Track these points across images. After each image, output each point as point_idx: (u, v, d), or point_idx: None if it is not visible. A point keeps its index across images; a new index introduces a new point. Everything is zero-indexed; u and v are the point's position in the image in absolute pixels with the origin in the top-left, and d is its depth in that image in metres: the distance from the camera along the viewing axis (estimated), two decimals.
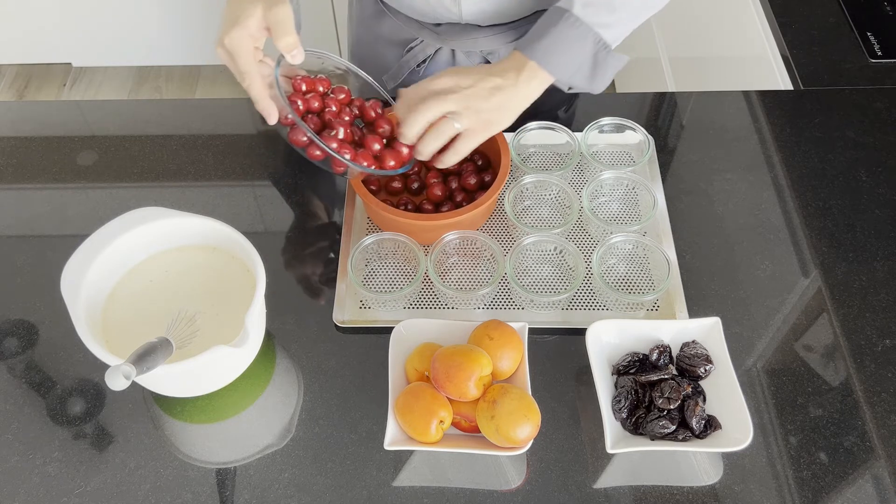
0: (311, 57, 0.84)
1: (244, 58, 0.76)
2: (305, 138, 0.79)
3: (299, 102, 0.82)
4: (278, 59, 0.79)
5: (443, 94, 0.79)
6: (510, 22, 1.00)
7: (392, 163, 0.82)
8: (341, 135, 0.81)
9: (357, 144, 0.83)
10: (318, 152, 0.81)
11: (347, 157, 0.80)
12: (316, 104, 0.84)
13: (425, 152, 0.81)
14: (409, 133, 0.80)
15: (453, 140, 0.81)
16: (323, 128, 0.83)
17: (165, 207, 0.79)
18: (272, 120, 0.80)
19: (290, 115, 0.78)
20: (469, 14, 0.96)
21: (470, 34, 1.00)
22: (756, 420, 0.76)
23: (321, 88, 0.86)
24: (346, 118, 0.84)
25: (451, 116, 0.79)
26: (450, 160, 0.82)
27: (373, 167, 0.81)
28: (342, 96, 0.86)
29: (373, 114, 0.87)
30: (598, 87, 0.85)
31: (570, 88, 0.85)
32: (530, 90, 0.82)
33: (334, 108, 0.84)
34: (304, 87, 0.84)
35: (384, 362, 0.78)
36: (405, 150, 0.83)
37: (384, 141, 0.85)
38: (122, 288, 0.78)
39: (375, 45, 1.09)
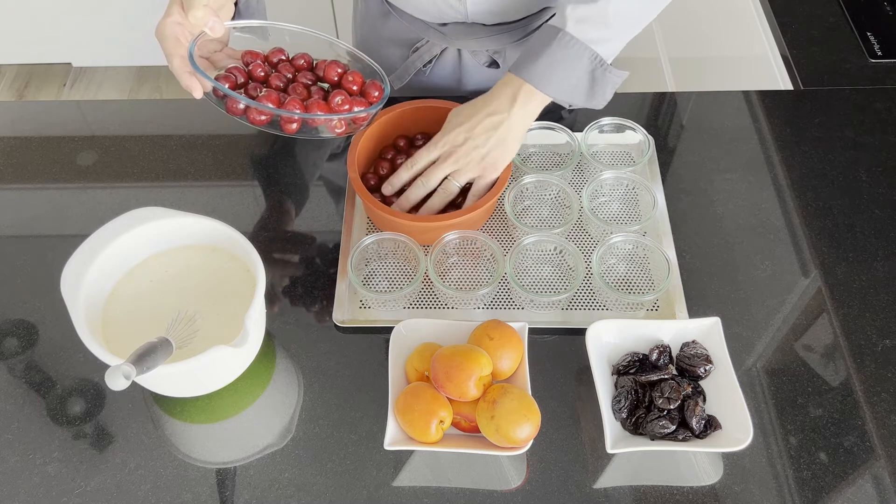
0: (284, 35, 0.86)
1: (165, 42, 0.79)
2: (242, 106, 0.79)
3: (236, 74, 0.82)
4: (196, 36, 0.80)
5: (442, 160, 0.84)
6: (516, 20, 1.00)
7: (346, 106, 0.81)
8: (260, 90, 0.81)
9: (308, 98, 0.82)
10: (262, 117, 0.79)
11: (270, 106, 0.78)
12: (260, 72, 0.83)
13: (433, 210, 0.87)
14: (413, 199, 0.86)
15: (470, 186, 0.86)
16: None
17: (165, 207, 0.79)
18: (196, 94, 0.80)
19: (215, 88, 0.78)
20: (475, 13, 0.96)
21: (475, 33, 1.00)
22: (756, 420, 0.76)
23: (276, 59, 0.85)
24: (307, 81, 0.84)
25: (452, 177, 0.85)
26: (469, 203, 0.87)
27: (297, 110, 0.79)
28: (302, 62, 0.86)
29: (337, 72, 0.85)
30: (599, 104, 0.85)
31: (570, 106, 0.85)
32: (527, 114, 0.84)
33: (288, 76, 0.84)
34: (248, 59, 0.84)
35: (384, 362, 0.78)
36: (373, 95, 0.84)
37: (347, 94, 0.83)
38: (122, 288, 0.78)
39: (380, 45, 1.09)
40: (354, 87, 0.85)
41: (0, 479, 0.73)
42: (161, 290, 0.79)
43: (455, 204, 0.89)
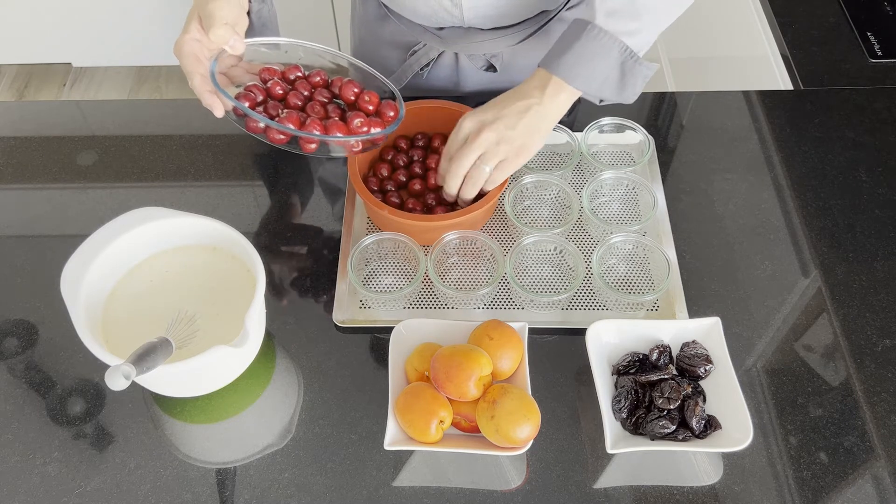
0: (296, 49, 0.86)
1: (185, 59, 0.79)
2: (261, 125, 0.79)
3: (256, 93, 0.82)
4: (217, 54, 0.80)
5: (470, 142, 0.82)
6: (513, 25, 1.00)
7: (365, 128, 0.82)
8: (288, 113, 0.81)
9: (329, 118, 0.82)
10: (280, 136, 0.80)
11: (291, 127, 0.78)
12: (279, 90, 0.83)
13: (467, 199, 0.85)
14: (450, 191, 0.85)
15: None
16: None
17: (165, 207, 0.79)
18: (217, 112, 0.80)
19: (236, 107, 0.78)
20: (471, 18, 0.96)
21: (472, 37, 1.00)
22: (756, 420, 0.76)
23: (293, 76, 0.85)
24: (324, 99, 0.84)
25: (480, 160, 0.82)
26: (489, 189, 0.85)
27: (317, 132, 0.79)
28: (318, 79, 0.86)
29: (353, 91, 0.85)
30: (630, 98, 0.83)
31: (601, 101, 0.84)
32: (558, 105, 0.82)
33: (305, 93, 0.84)
34: (266, 77, 0.84)
35: (384, 362, 0.78)
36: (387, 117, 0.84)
37: (364, 116, 0.84)
38: (122, 288, 0.78)
39: (378, 48, 1.09)
40: (370, 108, 0.84)
41: (0, 479, 0.73)
42: (161, 290, 0.79)
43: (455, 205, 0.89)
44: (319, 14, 2.20)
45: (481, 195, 0.86)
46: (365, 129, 0.82)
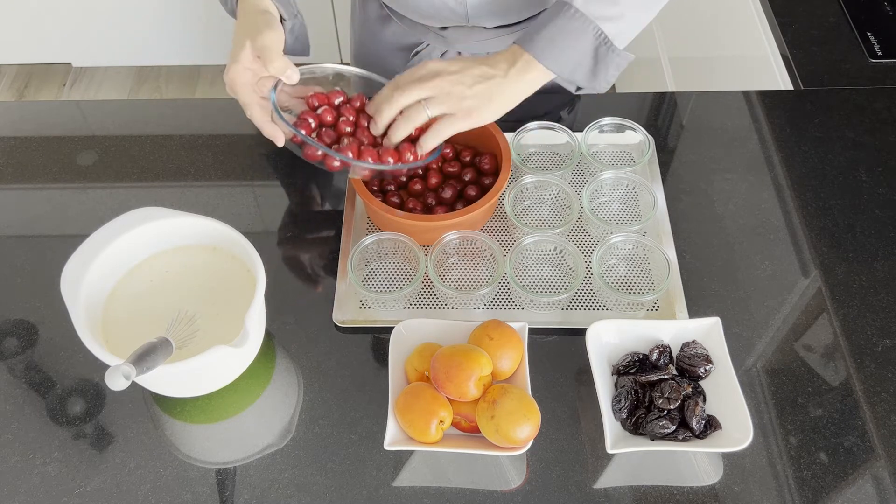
0: (321, 72, 0.88)
1: (241, 90, 0.79)
2: (319, 153, 0.80)
3: (310, 119, 0.84)
4: (275, 84, 0.80)
5: (423, 80, 0.79)
6: (516, 23, 1.00)
7: (409, 157, 0.83)
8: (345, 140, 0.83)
9: (379, 146, 0.84)
10: (336, 163, 0.81)
11: (350, 155, 0.81)
12: (329, 118, 0.85)
13: (393, 139, 0.82)
14: (379, 121, 0.81)
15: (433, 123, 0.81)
16: (338, 139, 0.84)
17: (165, 207, 0.79)
18: (279, 142, 0.81)
19: (295, 134, 0.80)
20: (475, 16, 0.96)
21: (476, 36, 1.00)
22: (756, 420, 0.76)
23: (337, 101, 0.87)
24: (366, 123, 0.85)
25: (425, 103, 0.80)
26: (427, 143, 0.81)
27: (377, 163, 0.81)
28: (358, 104, 0.87)
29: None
30: (601, 86, 0.84)
31: (578, 89, 0.84)
32: (523, 84, 0.81)
33: (351, 118, 0.85)
34: (315, 103, 0.86)
35: (384, 362, 0.78)
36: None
37: (410, 143, 0.85)
38: (122, 288, 0.78)
39: (380, 49, 1.09)
40: (414, 133, 0.85)
41: (0, 479, 0.73)
42: (161, 290, 0.79)
43: (482, 185, 0.89)
44: (320, 15, 2.20)
45: (413, 140, 0.83)
46: (410, 157, 0.83)
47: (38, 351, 0.81)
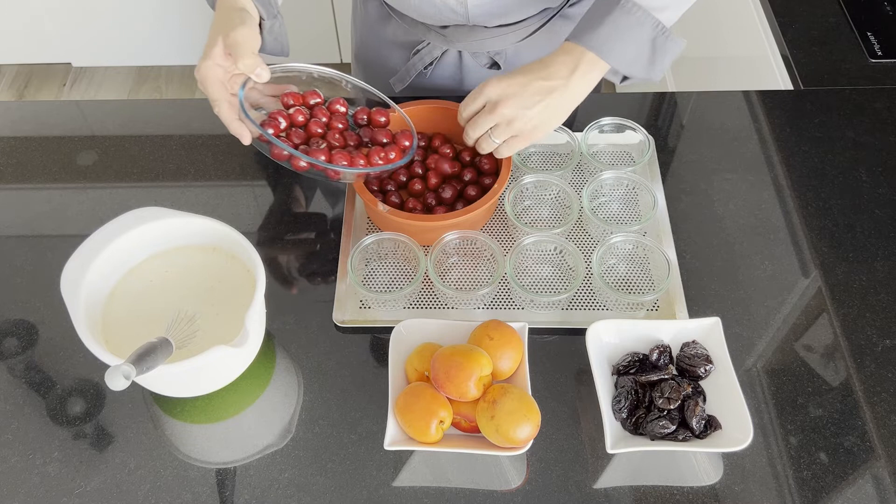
0: (297, 72, 0.88)
1: (210, 87, 0.79)
2: (286, 153, 0.80)
3: (281, 119, 0.83)
4: (244, 81, 0.80)
5: (487, 112, 0.82)
6: (517, 22, 1.00)
7: (379, 161, 0.83)
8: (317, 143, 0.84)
9: (353, 149, 0.85)
10: (302, 163, 0.81)
11: (322, 159, 0.81)
12: (300, 118, 0.85)
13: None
14: (468, 142, 0.87)
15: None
16: (308, 140, 0.84)
17: (165, 207, 0.79)
18: (245, 140, 0.81)
19: (261, 133, 0.80)
20: (476, 15, 0.96)
21: (476, 35, 1.00)
22: (756, 420, 0.76)
23: (313, 101, 0.87)
24: (340, 125, 0.86)
25: (491, 131, 0.83)
26: (502, 154, 0.86)
27: (344, 164, 0.82)
28: (338, 106, 0.87)
29: (382, 119, 0.89)
30: (657, 75, 0.81)
31: (623, 80, 0.83)
32: (585, 85, 0.81)
33: (324, 119, 0.85)
34: (290, 102, 0.86)
35: (384, 362, 0.78)
36: (402, 147, 0.86)
37: (384, 142, 0.86)
38: (122, 288, 0.78)
39: (381, 48, 1.09)
40: (385, 139, 0.87)
41: (0, 479, 0.73)
42: (161, 290, 0.79)
43: (482, 185, 0.90)
44: (320, 15, 2.20)
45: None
46: (381, 161, 0.84)
47: (38, 351, 0.81)
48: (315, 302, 0.85)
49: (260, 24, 0.82)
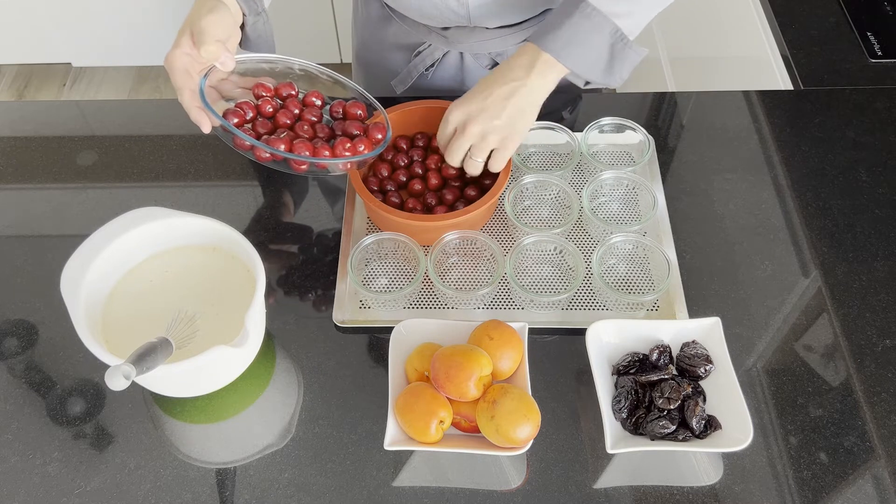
0: (274, 63, 0.87)
1: (175, 74, 0.79)
2: (248, 143, 0.80)
3: (246, 109, 0.83)
4: (207, 70, 0.80)
5: (458, 136, 0.83)
6: (518, 23, 1.00)
7: (347, 153, 0.83)
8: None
9: (321, 140, 0.84)
10: (265, 154, 0.81)
11: (282, 148, 0.80)
12: (269, 108, 0.84)
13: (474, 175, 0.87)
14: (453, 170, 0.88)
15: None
16: (274, 130, 0.84)
17: (165, 207, 0.79)
18: (205, 128, 0.81)
19: (220, 123, 0.79)
20: (477, 16, 0.96)
21: (478, 36, 1.00)
22: (756, 420, 0.76)
23: (286, 93, 0.86)
24: (313, 118, 0.85)
25: (470, 153, 0.83)
26: (494, 170, 0.86)
27: (306, 153, 0.81)
28: (313, 99, 0.87)
29: (358, 112, 0.88)
30: (616, 81, 0.83)
31: (586, 84, 0.84)
32: (545, 84, 0.81)
33: (295, 111, 0.85)
34: (262, 93, 0.85)
35: (384, 362, 0.78)
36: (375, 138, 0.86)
37: (350, 138, 0.85)
38: (122, 288, 0.78)
39: (382, 49, 1.09)
40: (357, 131, 0.86)
41: (0, 479, 0.73)
42: (161, 290, 0.79)
43: (482, 186, 0.90)
44: (320, 15, 2.20)
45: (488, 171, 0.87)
46: (349, 153, 0.83)
47: (38, 351, 0.81)
48: (315, 302, 0.85)
49: (244, 22, 0.82)
